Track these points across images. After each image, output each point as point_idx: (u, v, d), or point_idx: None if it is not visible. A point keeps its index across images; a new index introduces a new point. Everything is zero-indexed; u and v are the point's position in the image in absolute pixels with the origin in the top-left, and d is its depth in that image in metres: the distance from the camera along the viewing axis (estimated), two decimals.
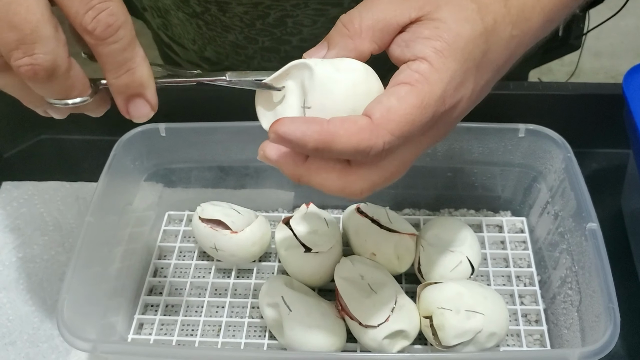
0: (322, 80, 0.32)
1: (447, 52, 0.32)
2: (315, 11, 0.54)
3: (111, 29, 0.30)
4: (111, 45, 0.30)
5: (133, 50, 0.31)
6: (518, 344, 0.47)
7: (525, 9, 0.35)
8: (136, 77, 0.32)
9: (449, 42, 0.32)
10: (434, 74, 0.32)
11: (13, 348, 0.49)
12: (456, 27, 0.33)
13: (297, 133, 0.30)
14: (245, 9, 0.54)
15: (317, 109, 0.32)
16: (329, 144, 0.30)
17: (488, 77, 0.35)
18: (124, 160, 0.51)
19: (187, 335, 0.49)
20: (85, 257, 0.44)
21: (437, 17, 0.33)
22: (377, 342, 0.43)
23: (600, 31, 0.81)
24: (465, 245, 0.48)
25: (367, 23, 0.33)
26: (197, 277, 0.53)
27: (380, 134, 0.31)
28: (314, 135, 0.30)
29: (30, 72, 0.29)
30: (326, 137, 0.30)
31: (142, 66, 0.32)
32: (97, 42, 0.30)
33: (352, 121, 0.31)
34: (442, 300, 0.44)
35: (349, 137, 0.30)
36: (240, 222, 0.51)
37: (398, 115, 0.31)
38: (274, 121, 0.30)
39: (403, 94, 0.31)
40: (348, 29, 0.34)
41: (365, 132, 0.30)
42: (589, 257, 0.43)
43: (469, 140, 0.51)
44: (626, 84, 0.49)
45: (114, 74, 0.32)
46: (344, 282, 0.46)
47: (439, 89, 0.32)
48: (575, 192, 0.46)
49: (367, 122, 0.31)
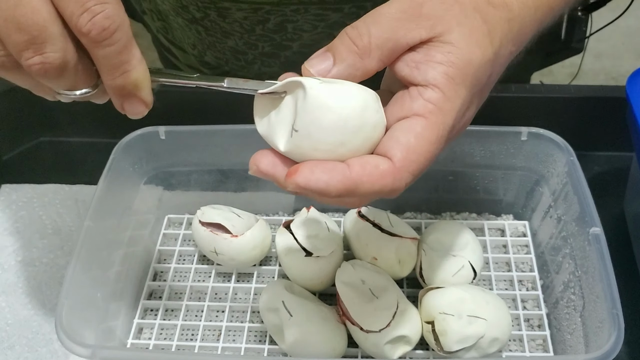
0: (314, 106, 0.31)
1: (458, 79, 0.32)
2: (316, 16, 0.53)
3: (107, 32, 0.30)
4: (107, 48, 0.30)
5: (129, 53, 0.31)
6: (520, 349, 0.47)
7: (523, 24, 0.35)
8: (131, 79, 0.32)
9: (460, 69, 0.32)
10: (446, 104, 0.31)
11: (12, 352, 0.48)
12: (468, 53, 0.32)
13: (320, 184, 0.29)
14: (245, 14, 0.54)
15: (304, 134, 0.31)
16: (353, 192, 0.30)
17: (488, 94, 0.35)
18: (123, 163, 0.51)
19: (187, 340, 0.49)
20: (84, 261, 0.44)
21: (449, 40, 0.32)
22: (379, 348, 0.43)
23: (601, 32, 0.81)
24: (467, 250, 0.48)
25: (377, 42, 0.32)
26: (197, 281, 0.53)
27: (403, 177, 0.31)
28: (338, 185, 0.29)
29: (42, 70, 0.30)
30: (349, 185, 0.29)
31: (137, 68, 0.32)
32: (93, 45, 0.30)
33: (373, 165, 0.30)
34: (444, 306, 0.43)
35: (372, 183, 0.30)
36: (240, 226, 0.51)
37: (418, 155, 0.31)
38: (290, 170, 0.30)
39: (420, 129, 0.31)
40: (357, 45, 0.32)
41: (389, 177, 0.30)
42: (593, 262, 0.42)
43: (470, 143, 0.51)
44: (629, 87, 0.48)
45: (110, 76, 0.32)
46: (345, 287, 0.45)
47: (450, 119, 0.32)
48: (578, 196, 0.46)
49: (389, 166, 0.30)
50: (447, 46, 0.32)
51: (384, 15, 0.32)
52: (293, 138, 0.31)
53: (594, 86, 0.58)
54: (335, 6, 0.52)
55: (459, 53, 0.32)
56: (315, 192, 0.29)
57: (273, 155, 0.32)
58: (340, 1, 0.52)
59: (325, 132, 0.30)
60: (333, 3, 0.52)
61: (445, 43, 0.32)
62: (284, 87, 0.33)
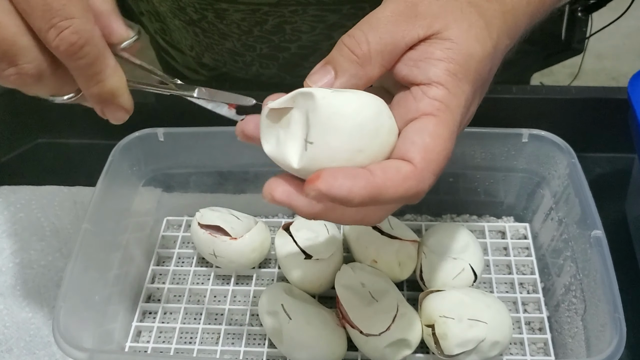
0: (327, 116, 0.30)
1: (460, 74, 0.31)
2: (314, 17, 0.53)
3: (75, 47, 0.30)
4: (77, 61, 0.31)
5: (102, 63, 0.31)
6: (521, 352, 0.47)
7: (517, 17, 0.35)
8: (106, 89, 0.32)
9: (461, 64, 0.31)
10: (452, 100, 0.31)
11: (9, 355, 0.48)
12: (467, 48, 0.32)
13: (343, 191, 0.28)
14: (242, 15, 0.54)
15: (320, 145, 0.30)
16: (376, 198, 0.29)
17: (488, 88, 0.35)
18: (121, 165, 0.50)
19: (185, 343, 0.49)
20: (82, 263, 0.44)
21: (448, 36, 0.32)
22: (379, 351, 0.43)
23: (602, 33, 0.80)
24: (467, 253, 0.48)
25: (376, 48, 0.31)
26: (196, 283, 0.53)
27: (426, 178, 0.30)
28: (361, 192, 0.28)
29: (19, 80, 0.30)
30: (373, 191, 0.28)
31: (112, 77, 0.32)
32: (63, 58, 0.30)
33: (395, 169, 0.29)
34: (444, 309, 0.43)
35: (396, 188, 0.29)
36: (239, 228, 0.51)
37: (436, 154, 0.30)
38: (311, 177, 0.28)
39: (432, 128, 0.30)
40: (356, 54, 0.32)
41: (412, 180, 0.29)
42: (594, 265, 0.42)
43: (471, 145, 0.51)
44: (631, 89, 0.48)
45: (85, 86, 0.32)
46: (344, 290, 0.45)
47: (458, 115, 0.31)
48: (579, 198, 0.45)
49: (411, 169, 0.30)
50: (446, 42, 0.32)
51: (380, 20, 0.32)
52: (308, 152, 0.30)
53: (595, 87, 0.58)
54: (333, 7, 0.52)
55: (458, 48, 0.31)
56: (337, 199, 0.28)
57: (287, 184, 0.31)
58: (338, 2, 0.52)
59: (343, 139, 0.30)
60: (331, 4, 0.52)
61: (444, 39, 0.32)
62: (291, 100, 0.32)
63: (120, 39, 0.34)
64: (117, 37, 0.34)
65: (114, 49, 0.34)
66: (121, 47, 0.34)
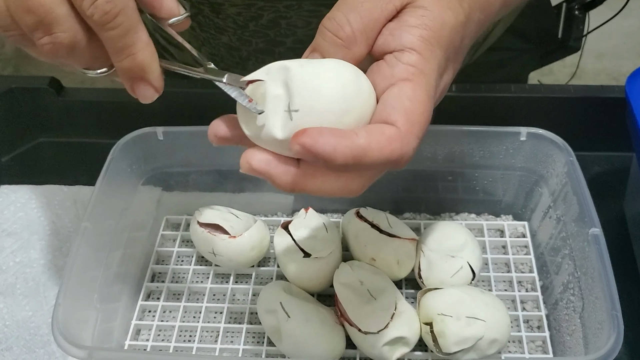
0: (310, 81, 0.30)
1: (433, 40, 0.32)
2: (309, 12, 0.53)
3: (108, 16, 0.30)
4: (110, 32, 0.31)
5: (134, 35, 0.31)
6: (520, 350, 0.47)
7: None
8: (137, 62, 0.32)
9: (434, 31, 0.32)
10: (426, 65, 0.31)
11: (10, 354, 0.48)
12: (441, 16, 0.32)
13: (327, 148, 0.28)
14: (238, 10, 0.54)
15: (306, 111, 0.30)
16: (361, 159, 0.29)
17: (462, 61, 0.35)
18: (121, 164, 0.51)
19: (184, 341, 0.49)
20: (82, 262, 0.44)
21: (422, 4, 0.32)
22: (377, 349, 0.43)
23: (602, 32, 0.80)
24: (466, 251, 0.48)
25: (358, 27, 0.32)
26: (195, 282, 0.53)
27: (410, 140, 0.30)
28: (346, 151, 0.28)
29: (53, 50, 0.31)
30: (358, 152, 0.28)
31: (143, 51, 0.32)
32: (97, 28, 0.30)
33: (380, 131, 0.29)
34: (443, 307, 0.43)
35: (381, 149, 0.29)
36: (238, 227, 0.51)
37: (417, 116, 0.30)
38: (297, 132, 0.28)
39: (410, 92, 0.31)
40: (340, 37, 0.32)
41: (397, 142, 0.29)
42: (592, 262, 0.42)
43: (469, 143, 0.51)
44: (629, 87, 0.48)
45: (116, 58, 0.32)
46: (343, 288, 0.45)
47: (432, 79, 0.32)
48: (577, 196, 0.45)
49: (396, 131, 0.30)
50: (419, 10, 0.32)
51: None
52: (294, 120, 0.30)
53: (593, 86, 0.58)
54: (328, 2, 0.52)
55: (432, 16, 0.32)
56: (321, 155, 0.28)
57: (264, 152, 0.31)
58: None
59: (329, 101, 0.30)
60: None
61: (418, 7, 0.32)
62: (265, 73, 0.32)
63: (169, 14, 0.34)
64: (167, 12, 0.34)
65: (161, 23, 0.34)
66: (169, 23, 0.34)
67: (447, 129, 0.50)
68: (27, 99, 0.62)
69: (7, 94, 0.61)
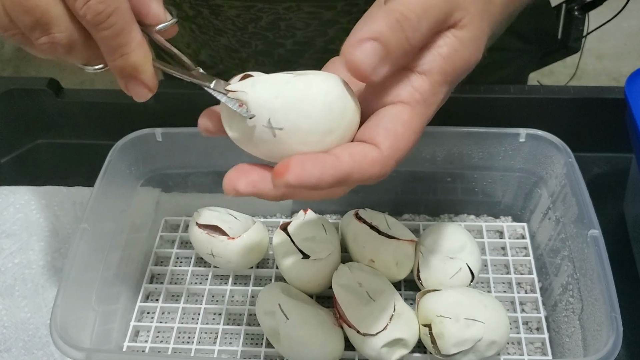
0: (295, 100, 0.30)
1: (449, 77, 0.32)
2: (308, 14, 0.53)
3: (101, 17, 0.30)
4: (103, 32, 0.31)
5: (127, 36, 0.31)
6: (519, 352, 0.47)
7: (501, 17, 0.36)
8: (130, 62, 0.32)
9: (455, 68, 0.32)
10: (431, 97, 0.32)
11: (8, 355, 0.48)
12: (469, 55, 0.32)
13: (312, 180, 0.28)
14: (237, 12, 0.54)
15: (291, 130, 0.30)
16: (344, 182, 0.29)
17: None
18: (119, 165, 0.51)
19: (183, 343, 0.49)
20: (80, 264, 0.44)
21: (461, 36, 0.32)
22: (376, 351, 0.43)
23: (602, 33, 0.80)
24: (465, 252, 0.48)
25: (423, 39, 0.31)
26: (194, 283, 0.53)
27: (390, 165, 0.31)
28: (330, 179, 0.29)
29: (51, 49, 0.31)
30: (341, 177, 0.29)
31: (136, 52, 0.32)
32: (90, 27, 0.31)
33: (362, 155, 0.30)
34: (441, 308, 0.43)
35: (362, 173, 0.30)
36: (237, 228, 0.51)
37: (404, 143, 0.31)
38: (279, 168, 0.28)
39: (407, 118, 0.31)
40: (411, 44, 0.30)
41: (378, 165, 0.30)
42: (591, 264, 0.42)
43: (468, 145, 0.51)
44: (628, 88, 0.48)
45: (109, 58, 0.32)
46: (341, 290, 0.45)
47: (432, 111, 0.32)
48: (576, 198, 0.45)
49: (378, 155, 0.30)
50: (456, 42, 0.32)
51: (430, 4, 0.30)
52: (277, 138, 0.30)
53: (592, 87, 0.58)
54: (327, 4, 0.52)
55: (462, 52, 0.32)
56: (307, 187, 0.29)
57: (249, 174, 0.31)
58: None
59: (314, 122, 0.30)
60: (326, 0, 0.52)
61: (457, 38, 0.32)
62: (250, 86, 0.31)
63: (156, 21, 0.34)
64: (154, 18, 0.34)
65: (149, 30, 0.34)
66: (156, 30, 0.34)
67: (446, 130, 0.50)
68: (26, 100, 0.62)
69: (6, 95, 0.61)
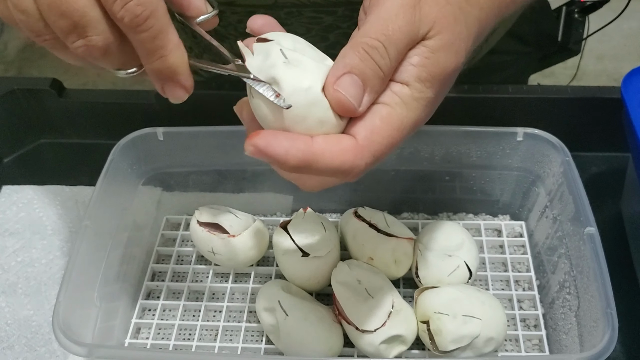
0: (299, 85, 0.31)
1: (428, 83, 0.32)
2: (309, 19, 0.54)
3: (139, 19, 0.30)
4: (141, 34, 0.31)
5: (165, 38, 0.31)
6: (517, 349, 0.47)
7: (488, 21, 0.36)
8: (168, 64, 0.32)
9: (433, 75, 0.32)
10: (412, 102, 0.32)
11: (11, 352, 0.49)
12: (445, 62, 0.33)
13: (279, 150, 0.29)
14: (239, 17, 0.54)
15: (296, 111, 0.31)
16: (311, 164, 0.30)
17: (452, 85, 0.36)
18: (121, 164, 0.51)
19: (184, 340, 0.49)
20: (82, 261, 0.44)
21: (432, 46, 0.32)
22: (374, 347, 0.43)
23: (603, 34, 0.81)
24: (462, 250, 0.48)
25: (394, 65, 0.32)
26: (195, 281, 0.53)
27: (364, 156, 0.31)
28: (297, 154, 0.30)
29: (87, 52, 0.31)
30: (309, 156, 0.30)
31: (174, 53, 0.32)
32: (127, 30, 0.31)
33: (336, 140, 0.31)
34: (439, 305, 0.44)
35: (332, 158, 0.30)
36: (238, 226, 0.51)
37: (381, 137, 0.31)
38: (252, 133, 0.30)
39: (385, 114, 0.32)
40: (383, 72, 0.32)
41: (349, 153, 0.31)
42: (587, 261, 0.43)
43: (467, 144, 0.51)
44: (625, 87, 0.48)
45: (147, 60, 0.32)
46: (340, 287, 0.46)
47: (415, 115, 0.33)
48: (573, 196, 0.46)
49: (352, 143, 0.31)
50: (426, 51, 0.32)
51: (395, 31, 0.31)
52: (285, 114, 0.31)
53: (590, 87, 0.58)
54: (328, 9, 0.53)
55: (436, 60, 0.32)
56: (273, 157, 0.29)
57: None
58: (333, 4, 0.52)
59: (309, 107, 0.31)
60: (326, 6, 0.52)
61: (427, 47, 0.32)
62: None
63: (197, 13, 0.34)
64: (195, 10, 0.34)
65: (190, 22, 0.34)
66: (197, 21, 0.34)
67: (444, 129, 0.50)
68: (29, 100, 0.62)
69: (10, 95, 0.62)
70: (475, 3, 0.35)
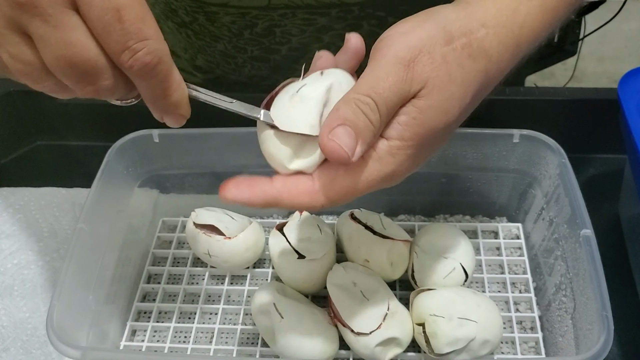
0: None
1: (411, 142, 0.33)
2: (303, 21, 0.54)
3: (148, 67, 0.30)
4: (149, 80, 0.31)
5: (170, 79, 0.32)
6: (513, 351, 0.47)
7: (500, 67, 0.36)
8: (171, 102, 0.33)
9: (418, 135, 0.33)
10: (387, 157, 0.33)
11: (7, 355, 0.49)
12: (431, 122, 0.33)
13: (244, 199, 0.33)
14: (232, 18, 0.54)
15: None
16: (275, 204, 0.33)
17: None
18: (117, 166, 0.51)
19: (179, 342, 0.49)
20: (77, 263, 0.44)
21: (421, 106, 0.33)
22: (370, 350, 0.43)
23: (603, 35, 0.81)
24: (458, 252, 0.48)
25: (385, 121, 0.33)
26: (191, 283, 0.53)
27: (319, 199, 0.33)
28: (259, 201, 0.33)
29: (94, 95, 0.32)
30: (270, 199, 0.33)
31: (177, 92, 0.33)
32: (135, 77, 0.31)
33: (294, 184, 0.34)
34: (435, 308, 0.43)
35: (291, 199, 0.33)
36: (234, 228, 0.51)
37: (339, 186, 0.33)
38: (222, 184, 0.33)
39: (352, 166, 0.33)
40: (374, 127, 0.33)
41: (305, 196, 0.33)
42: (583, 264, 0.42)
43: (463, 146, 0.51)
44: (621, 89, 0.48)
45: (152, 100, 0.33)
46: (336, 289, 0.45)
47: (388, 169, 0.34)
48: (569, 198, 0.46)
49: (309, 187, 0.34)
50: (414, 111, 0.33)
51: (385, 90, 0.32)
52: None
53: (587, 88, 0.58)
54: (322, 11, 0.53)
55: (422, 120, 0.33)
56: (241, 204, 0.33)
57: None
58: (326, 6, 0.52)
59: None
60: (320, 7, 0.53)
61: (415, 107, 0.33)
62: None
63: None
64: None
65: None
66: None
67: None
68: (26, 102, 0.62)
69: (6, 97, 0.62)
70: (480, 56, 0.34)
